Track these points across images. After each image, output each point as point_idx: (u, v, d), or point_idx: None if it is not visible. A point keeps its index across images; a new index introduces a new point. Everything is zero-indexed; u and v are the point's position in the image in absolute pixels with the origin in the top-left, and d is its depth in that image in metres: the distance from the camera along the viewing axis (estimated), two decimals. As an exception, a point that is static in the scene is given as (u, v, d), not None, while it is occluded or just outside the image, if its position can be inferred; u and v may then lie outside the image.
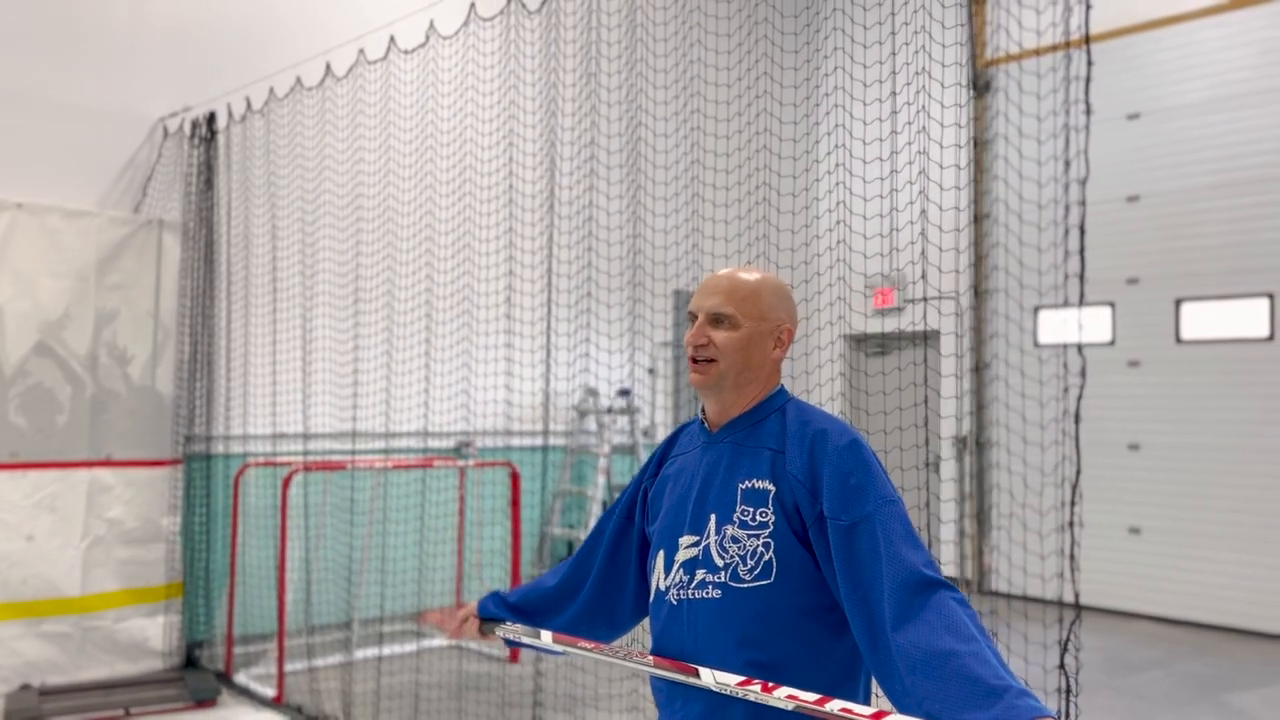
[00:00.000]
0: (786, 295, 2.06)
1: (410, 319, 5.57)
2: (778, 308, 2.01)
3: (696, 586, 1.93)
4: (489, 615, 2.39)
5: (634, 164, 4.27)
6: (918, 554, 1.73)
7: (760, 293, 1.99)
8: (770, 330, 1.99)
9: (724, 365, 1.96)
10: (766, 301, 1.99)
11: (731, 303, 1.97)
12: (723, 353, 1.96)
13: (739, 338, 1.96)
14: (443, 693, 5.80)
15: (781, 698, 1.72)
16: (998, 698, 1.50)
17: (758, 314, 1.98)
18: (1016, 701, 1.49)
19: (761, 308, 1.98)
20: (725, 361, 1.96)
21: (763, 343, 1.98)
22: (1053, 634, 2.64)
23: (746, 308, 1.97)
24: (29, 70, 6.35)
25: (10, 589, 5.90)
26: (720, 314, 1.97)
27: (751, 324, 1.97)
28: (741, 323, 1.96)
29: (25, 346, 6.04)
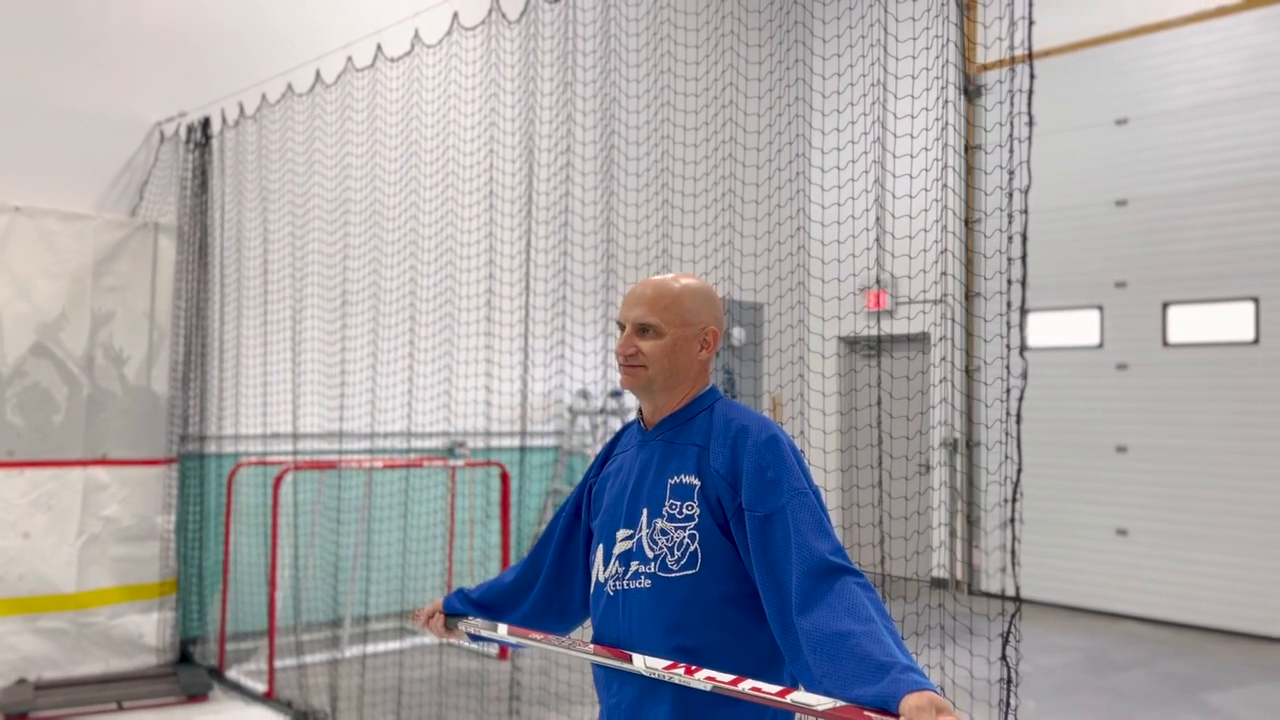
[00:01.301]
0: (710, 298, 2.15)
1: (395, 320, 5.68)
2: (700, 311, 2.11)
3: (630, 577, 2.03)
4: (453, 611, 2.49)
5: (608, 169, 4.37)
6: (825, 542, 1.82)
7: (682, 299, 2.10)
8: (695, 334, 2.09)
9: (652, 371, 2.08)
10: (688, 307, 2.09)
11: (655, 312, 2.08)
12: (650, 360, 2.07)
13: (664, 345, 2.07)
14: (426, 688, 5.90)
15: (701, 679, 1.84)
16: (885, 673, 1.59)
17: (680, 320, 2.08)
18: (900, 676, 1.57)
19: (684, 314, 2.09)
20: (653, 368, 2.08)
21: (688, 346, 2.09)
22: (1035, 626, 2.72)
23: (669, 316, 2.08)
24: (27, 75, 6.47)
25: (7, 585, 6.02)
26: (645, 324, 2.09)
27: (675, 330, 2.08)
28: (665, 330, 2.07)
29: (22, 347, 6.16)
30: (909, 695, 1.54)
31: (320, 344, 6.34)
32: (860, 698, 1.60)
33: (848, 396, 8.87)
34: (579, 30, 4.28)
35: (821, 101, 3.92)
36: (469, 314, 5.71)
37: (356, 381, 5.77)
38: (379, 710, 5.49)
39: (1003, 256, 2.70)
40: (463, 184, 5.45)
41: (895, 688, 1.56)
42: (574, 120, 4.35)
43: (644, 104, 4.51)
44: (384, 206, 5.59)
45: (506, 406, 6.81)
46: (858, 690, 1.60)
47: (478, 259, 5.39)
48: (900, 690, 1.55)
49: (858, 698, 1.61)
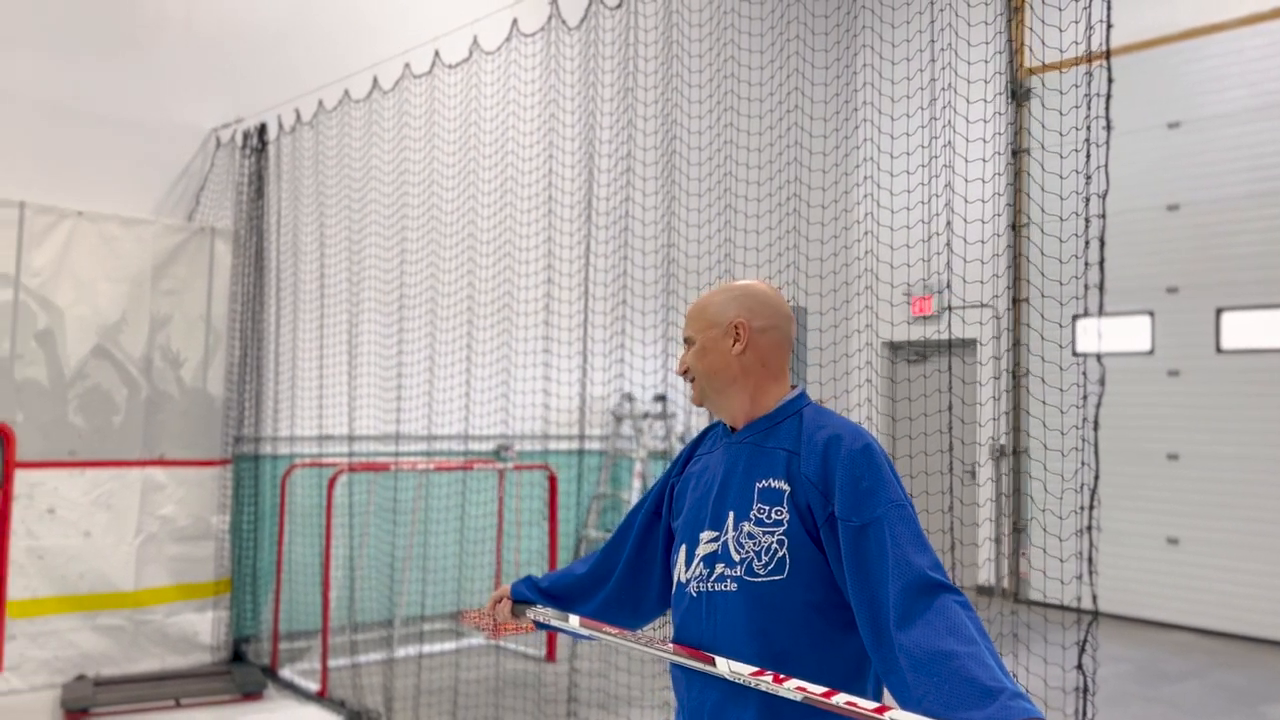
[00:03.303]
0: (743, 294, 2.16)
1: (452, 324, 5.73)
2: (726, 309, 2.13)
3: (715, 580, 2.03)
4: (521, 598, 2.50)
5: (669, 174, 4.39)
6: (924, 557, 1.81)
7: (707, 305, 2.17)
8: (722, 331, 2.12)
9: (698, 380, 2.15)
10: (714, 309, 2.15)
11: (690, 326, 2.19)
12: (693, 369, 2.16)
13: (696, 351, 2.15)
14: (481, 689, 5.94)
15: (791, 688, 1.81)
16: (992, 698, 1.56)
17: (706, 323, 2.15)
18: (1010, 703, 1.55)
19: (708, 317, 2.15)
20: (696, 375, 2.15)
21: (716, 345, 2.12)
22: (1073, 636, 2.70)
23: (698, 324, 2.16)
24: (88, 84, 6.61)
25: (68, 583, 6.13)
26: (686, 337, 2.19)
27: (702, 335, 2.15)
28: (695, 337, 2.16)
29: (84, 349, 6.29)
30: None
31: (376, 348, 6.40)
32: None
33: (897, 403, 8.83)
34: (640, 36, 4.30)
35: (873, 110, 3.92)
36: (526, 318, 5.75)
37: (412, 385, 5.83)
38: (434, 711, 5.53)
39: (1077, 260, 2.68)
40: (521, 189, 5.49)
41: (1005, 714, 1.54)
42: (634, 126, 4.37)
43: (706, 109, 4.52)
44: (441, 212, 5.65)
45: (563, 410, 6.85)
46: (964, 714, 1.58)
47: (536, 263, 5.42)
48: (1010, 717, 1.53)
49: None
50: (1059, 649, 3.12)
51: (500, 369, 5.60)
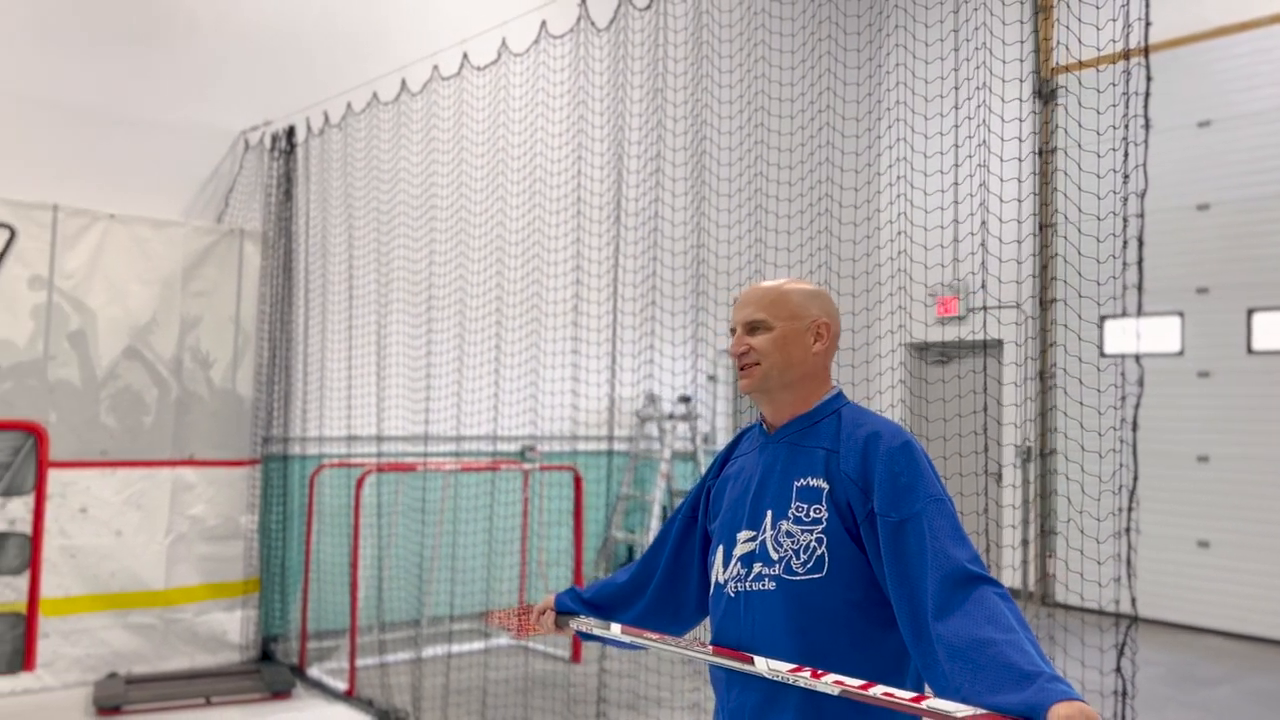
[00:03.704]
0: (818, 294, 2.16)
1: (481, 325, 5.75)
2: (808, 305, 2.12)
3: (753, 579, 2.03)
4: (564, 609, 2.51)
5: (699, 175, 4.39)
6: (963, 550, 1.80)
7: (788, 294, 2.12)
8: (806, 327, 2.09)
9: (766, 365, 2.08)
10: (795, 301, 2.11)
11: (762, 309, 2.11)
12: (763, 354, 2.08)
13: (774, 337, 2.08)
14: (508, 689, 5.95)
15: (829, 683, 1.82)
16: (1030, 681, 1.56)
17: (788, 314, 2.10)
18: (1048, 685, 1.55)
19: (791, 307, 2.10)
20: (766, 362, 2.08)
21: (799, 339, 2.09)
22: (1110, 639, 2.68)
23: (776, 310, 2.10)
24: (121, 89, 6.67)
25: (100, 581, 6.20)
26: (754, 321, 2.11)
27: (784, 323, 2.09)
28: (774, 324, 2.09)
29: (116, 350, 6.35)
30: (1057, 705, 1.51)
31: (404, 349, 6.44)
32: (1004, 706, 1.57)
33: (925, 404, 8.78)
34: (669, 37, 4.30)
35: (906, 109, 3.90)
36: (555, 319, 5.76)
37: (440, 386, 5.85)
38: (462, 711, 5.54)
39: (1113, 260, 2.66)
40: (550, 191, 5.50)
41: (1042, 696, 1.53)
42: (664, 127, 4.38)
43: (736, 109, 4.52)
44: (470, 214, 5.68)
45: (592, 411, 6.86)
46: (1001, 698, 1.58)
47: (564, 264, 5.44)
48: (1048, 699, 1.52)
49: (1001, 705, 1.58)
50: (1095, 651, 3.09)
51: (529, 369, 5.61)
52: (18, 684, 5.90)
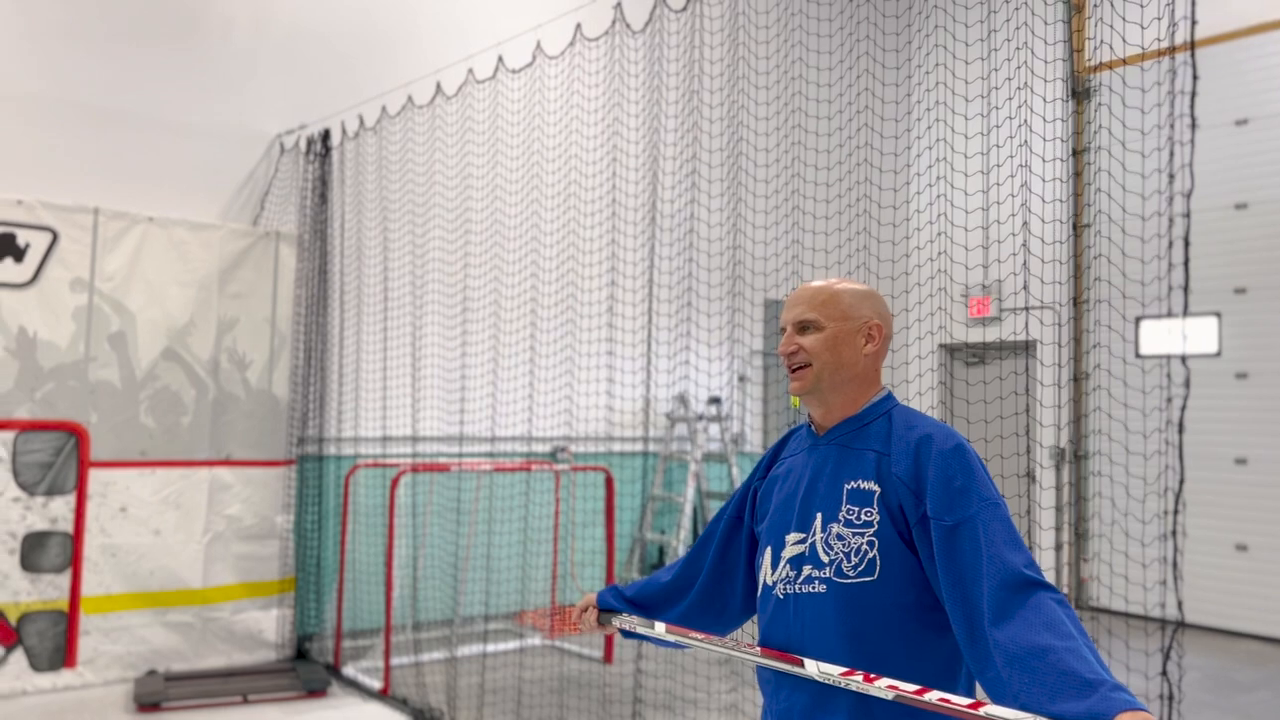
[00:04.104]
0: (870, 295, 2.15)
1: (515, 327, 5.78)
2: (860, 306, 2.10)
3: (803, 581, 2.02)
4: (607, 607, 2.51)
5: (735, 177, 4.38)
6: (1019, 555, 1.79)
7: (840, 295, 2.10)
8: (857, 328, 2.08)
9: (817, 366, 2.06)
10: (847, 301, 2.09)
11: (813, 309, 2.09)
12: (813, 355, 2.06)
13: (825, 337, 2.06)
14: (542, 689, 5.97)
15: (882, 687, 1.80)
16: (1092, 690, 1.54)
17: (840, 314, 2.08)
18: (1111, 694, 1.52)
19: (843, 308, 2.09)
20: (818, 363, 2.06)
21: (851, 340, 2.07)
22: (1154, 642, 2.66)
23: (828, 310, 2.08)
24: (158, 93, 6.76)
25: (139, 580, 6.27)
26: (805, 320, 2.09)
27: (836, 324, 2.07)
28: (825, 324, 2.07)
29: (155, 352, 6.43)
30: (1122, 715, 1.48)
31: (439, 350, 6.48)
32: (1065, 713, 1.55)
33: (961, 405, 8.73)
34: (705, 39, 4.31)
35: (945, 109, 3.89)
36: (590, 320, 5.77)
37: (475, 387, 5.89)
38: (497, 710, 5.57)
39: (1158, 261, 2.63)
40: (585, 192, 5.52)
41: (1106, 705, 1.51)
42: (700, 128, 4.38)
43: (773, 110, 4.51)
44: (505, 216, 5.71)
45: (626, 413, 6.87)
46: (1062, 706, 1.56)
47: (599, 266, 5.45)
48: (1112, 709, 1.50)
49: (1062, 713, 1.56)
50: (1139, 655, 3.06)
51: (563, 371, 5.63)
52: (60, 680, 5.98)
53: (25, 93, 6.34)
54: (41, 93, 6.38)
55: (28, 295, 6.05)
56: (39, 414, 6.06)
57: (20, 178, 6.24)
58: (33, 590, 5.96)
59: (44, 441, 6.07)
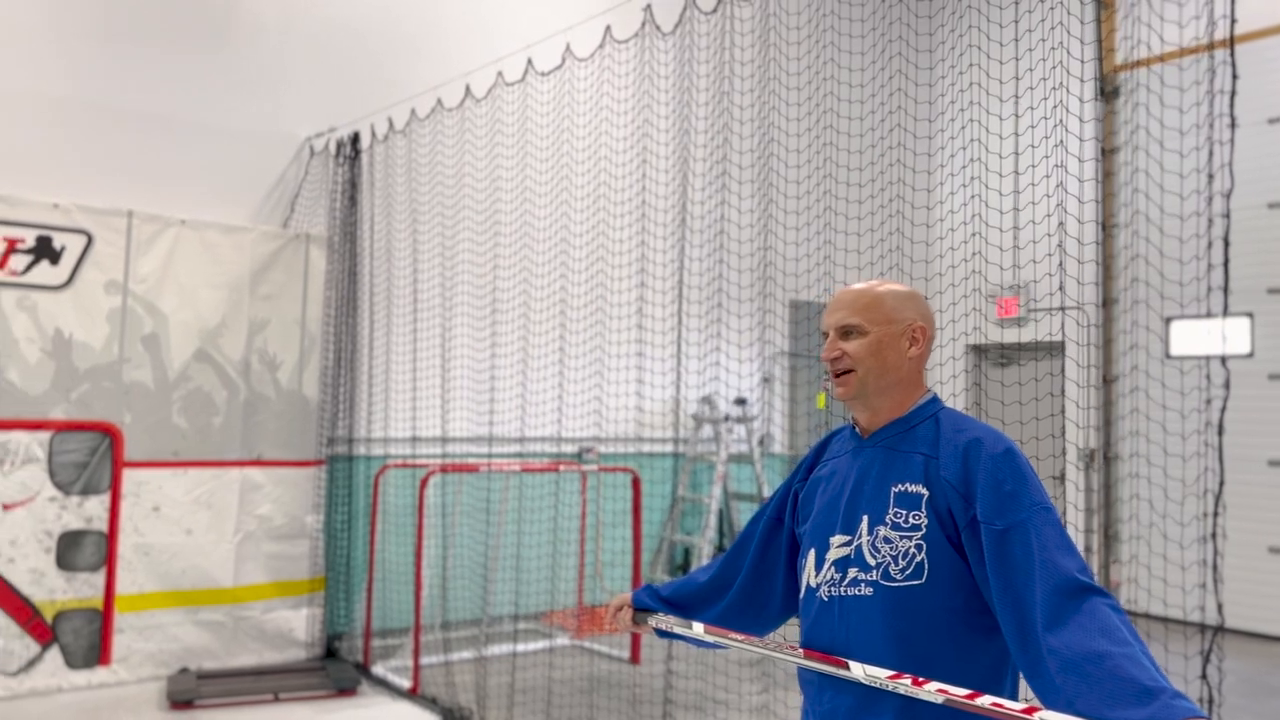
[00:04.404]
0: (913, 297, 2.13)
1: (545, 329, 5.80)
2: (904, 308, 2.08)
3: (848, 584, 2.01)
4: (643, 606, 2.50)
5: (765, 178, 4.39)
6: (1072, 560, 1.77)
7: (883, 298, 2.08)
8: (901, 331, 2.07)
9: (861, 372, 2.05)
10: (890, 305, 2.08)
11: (856, 313, 2.07)
12: (857, 360, 2.05)
13: (869, 343, 2.05)
14: (570, 689, 5.99)
15: (932, 691, 1.78)
16: (1153, 697, 1.52)
17: (884, 318, 2.06)
18: (1172, 702, 1.51)
19: (886, 311, 2.07)
20: (862, 368, 2.05)
21: (895, 343, 2.06)
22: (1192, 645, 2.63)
23: (871, 314, 2.06)
24: (189, 96, 6.84)
25: (171, 579, 6.34)
26: (848, 325, 2.07)
27: (880, 328, 2.05)
28: (869, 329, 2.05)
29: (187, 353, 6.50)
30: None
31: (469, 351, 6.51)
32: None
33: (992, 406, 8.68)
34: (736, 40, 4.31)
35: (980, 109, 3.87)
36: (619, 322, 5.79)
37: (505, 388, 5.92)
38: (526, 710, 5.59)
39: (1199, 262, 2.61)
40: (614, 194, 5.54)
41: (1168, 714, 1.49)
42: (730, 130, 4.38)
43: (804, 111, 4.51)
44: (534, 218, 5.73)
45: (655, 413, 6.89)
46: (1121, 713, 1.54)
47: (629, 268, 5.47)
48: (1174, 716, 1.49)
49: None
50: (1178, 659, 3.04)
51: (593, 372, 5.65)
52: (94, 678, 6.06)
53: (60, 96, 6.42)
54: (76, 97, 6.47)
55: (63, 297, 6.13)
56: (74, 414, 6.14)
57: (56, 181, 6.33)
58: (68, 589, 6.04)
59: (79, 442, 6.14)
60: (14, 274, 5.97)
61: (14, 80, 6.28)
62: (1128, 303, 6.47)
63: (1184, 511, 2.71)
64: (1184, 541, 3.04)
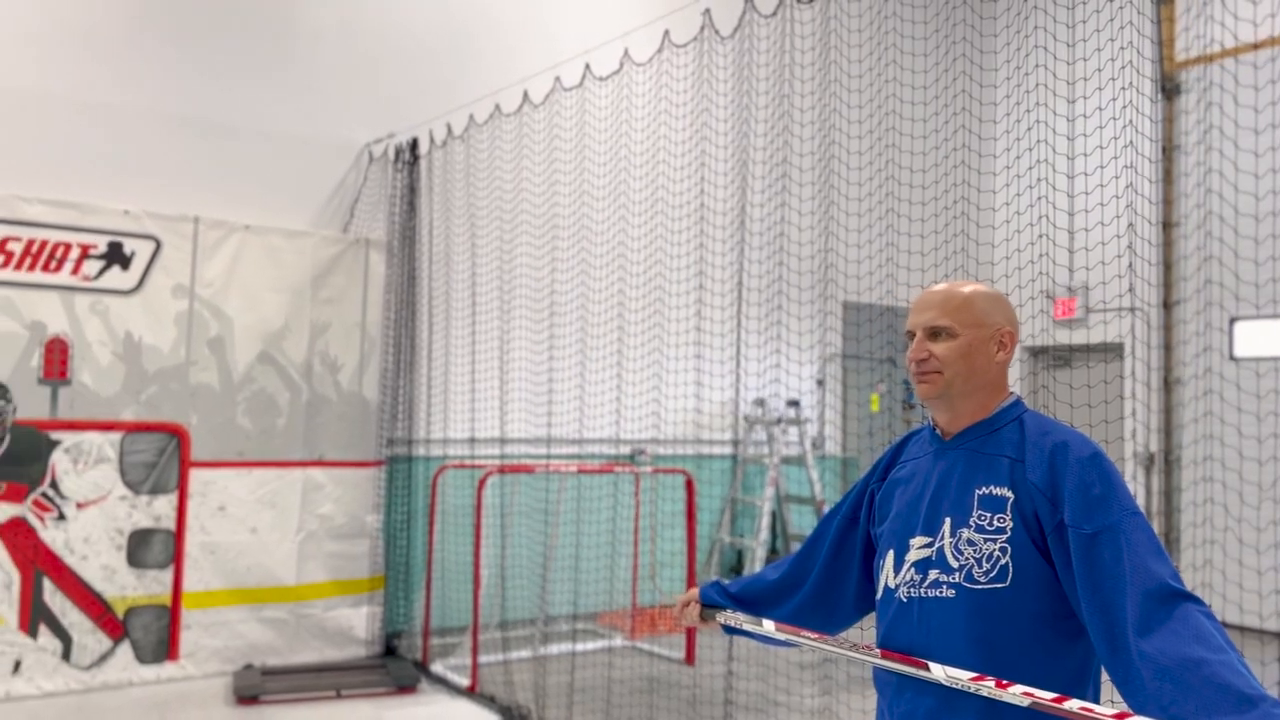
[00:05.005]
0: (1001, 300, 2.12)
1: (602, 332, 5.85)
2: (993, 312, 2.07)
3: (929, 586, 2.00)
4: (711, 602, 2.50)
5: (827, 180, 4.39)
6: (1163, 565, 1.76)
7: (973, 300, 2.07)
8: (990, 335, 2.06)
9: (949, 374, 2.04)
10: (981, 308, 2.06)
11: (946, 314, 2.05)
12: (945, 363, 2.04)
13: (959, 346, 2.04)
14: (626, 689, 6.03)
15: (1017, 694, 1.78)
16: (1252, 705, 1.51)
17: (974, 321, 2.05)
18: (1273, 710, 1.49)
19: (976, 314, 2.05)
20: (950, 371, 2.04)
21: (984, 348, 2.05)
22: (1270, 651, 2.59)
23: (962, 316, 2.05)
24: (254, 105, 6.99)
25: (237, 576, 6.48)
26: (937, 327, 2.06)
27: (970, 331, 2.04)
28: (959, 331, 2.04)
29: (251, 355, 6.64)
30: None
31: (527, 354, 6.58)
32: None
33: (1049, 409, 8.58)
34: (796, 43, 4.32)
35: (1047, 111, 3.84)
36: (676, 325, 5.82)
37: (562, 390, 5.97)
38: (586, 709, 5.64)
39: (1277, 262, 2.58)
40: (672, 198, 5.57)
41: None
42: (790, 132, 4.39)
43: (866, 113, 4.51)
44: (592, 222, 5.79)
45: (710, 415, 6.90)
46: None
47: (687, 270, 5.50)
48: None
49: None
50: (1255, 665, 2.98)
51: (650, 374, 5.69)
52: (163, 673, 6.21)
53: (129, 106, 6.59)
54: (144, 106, 6.64)
55: (133, 301, 6.30)
56: (144, 416, 6.31)
57: (126, 188, 6.50)
58: (138, 585, 6.20)
59: (148, 442, 6.31)
60: (87, 279, 6.15)
61: (87, 91, 6.46)
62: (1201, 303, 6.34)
63: (1260, 516, 2.67)
64: (1260, 546, 2.99)
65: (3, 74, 6.22)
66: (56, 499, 6.00)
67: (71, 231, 6.11)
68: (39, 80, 6.33)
